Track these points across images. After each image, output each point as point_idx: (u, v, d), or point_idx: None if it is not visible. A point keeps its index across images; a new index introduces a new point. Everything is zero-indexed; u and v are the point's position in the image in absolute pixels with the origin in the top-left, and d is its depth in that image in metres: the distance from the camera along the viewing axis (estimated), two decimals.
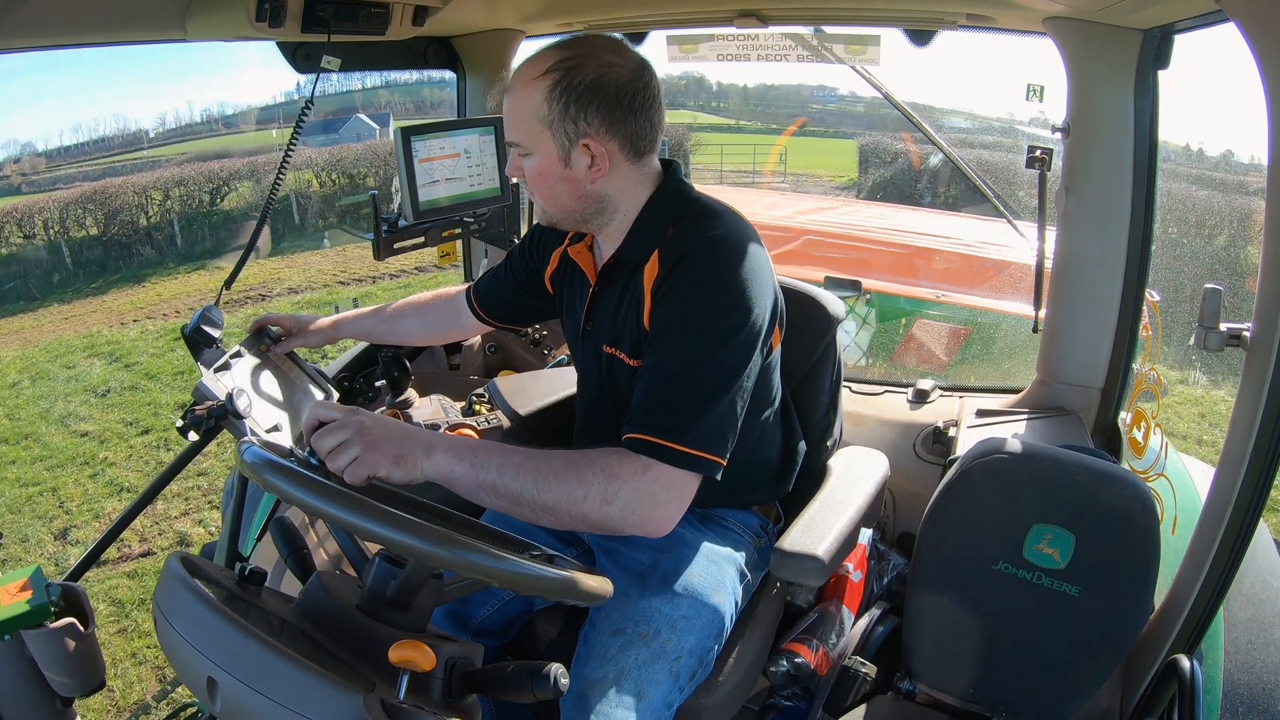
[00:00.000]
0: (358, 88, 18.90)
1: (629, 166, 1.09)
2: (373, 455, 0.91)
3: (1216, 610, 1.08)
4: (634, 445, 0.99)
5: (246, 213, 12.00)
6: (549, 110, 1.03)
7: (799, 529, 1.29)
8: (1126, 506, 1.06)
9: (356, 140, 15.93)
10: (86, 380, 6.34)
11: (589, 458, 0.99)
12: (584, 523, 0.97)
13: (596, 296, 1.20)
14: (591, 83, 1.02)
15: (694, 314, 1.02)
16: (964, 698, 1.21)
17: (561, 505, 0.96)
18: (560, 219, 1.14)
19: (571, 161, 1.06)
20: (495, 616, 1.28)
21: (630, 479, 0.97)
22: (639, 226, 1.12)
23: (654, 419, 0.99)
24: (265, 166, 12.42)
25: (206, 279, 9.70)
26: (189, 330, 1.38)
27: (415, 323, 1.56)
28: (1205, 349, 1.01)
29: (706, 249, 1.05)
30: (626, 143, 1.07)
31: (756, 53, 1.83)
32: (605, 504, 0.96)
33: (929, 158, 10.61)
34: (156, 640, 0.76)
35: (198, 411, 1.26)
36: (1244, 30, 0.94)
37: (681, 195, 1.13)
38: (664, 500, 0.99)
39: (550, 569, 0.78)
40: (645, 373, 1.05)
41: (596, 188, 1.09)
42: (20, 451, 5.17)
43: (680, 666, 1.11)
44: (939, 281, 3.48)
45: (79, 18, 1.17)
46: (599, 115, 1.03)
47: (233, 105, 18.32)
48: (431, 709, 0.73)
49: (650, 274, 1.08)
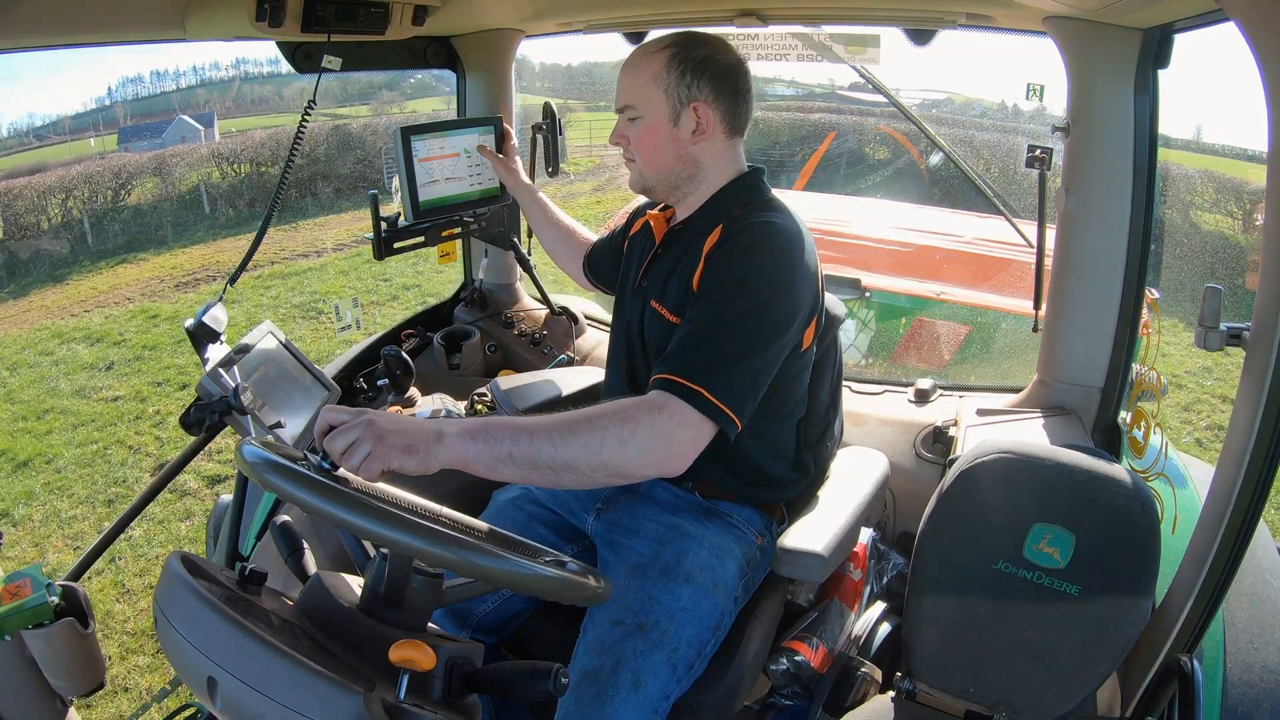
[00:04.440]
0: (173, 88, 17.68)
1: (724, 140, 1.23)
2: (382, 449, 0.91)
3: (1216, 610, 1.08)
4: (656, 384, 1.06)
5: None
6: (667, 75, 1.18)
7: (800, 527, 1.29)
8: (1126, 506, 1.06)
9: (181, 143, 14.57)
10: (78, 361, 6.27)
11: (599, 409, 1.03)
12: (604, 471, 0.99)
13: (658, 257, 1.30)
14: (704, 58, 1.18)
15: (735, 279, 1.11)
16: (964, 697, 1.22)
17: (581, 458, 0.98)
18: (655, 181, 1.26)
19: (680, 123, 1.20)
20: (495, 613, 1.29)
21: (646, 418, 1.01)
22: (713, 201, 1.24)
23: (679, 362, 1.06)
24: (82, 176, 11.74)
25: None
26: (192, 326, 1.38)
27: (559, 239, 1.69)
28: (1205, 349, 1.01)
29: (763, 228, 1.15)
30: (726, 116, 1.21)
31: (756, 52, 1.83)
32: (623, 445, 0.99)
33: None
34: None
35: (201, 406, 1.26)
36: (1244, 30, 0.94)
37: (757, 187, 1.25)
38: (679, 439, 1.03)
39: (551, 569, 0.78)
40: (684, 325, 1.13)
41: (696, 150, 1.22)
42: (53, 422, 5.10)
43: (678, 658, 1.11)
44: (926, 278, 3.46)
45: (78, 18, 1.17)
46: (709, 85, 1.18)
47: (41, 116, 16.13)
48: (431, 708, 0.73)
49: (710, 242, 1.19)
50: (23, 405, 5.44)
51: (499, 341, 2.17)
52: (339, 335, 1.99)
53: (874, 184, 8.55)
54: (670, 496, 1.29)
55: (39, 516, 3.85)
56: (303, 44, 1.54)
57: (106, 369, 6.03)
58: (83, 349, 6.56)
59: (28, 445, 4.72)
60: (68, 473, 4.34)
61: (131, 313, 7.50)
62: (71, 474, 4.31)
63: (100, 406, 5.30)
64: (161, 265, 9.36)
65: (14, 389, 5.79)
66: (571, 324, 2.20)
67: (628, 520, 1.27)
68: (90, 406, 5.32)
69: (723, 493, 1.29)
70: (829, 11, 1.67)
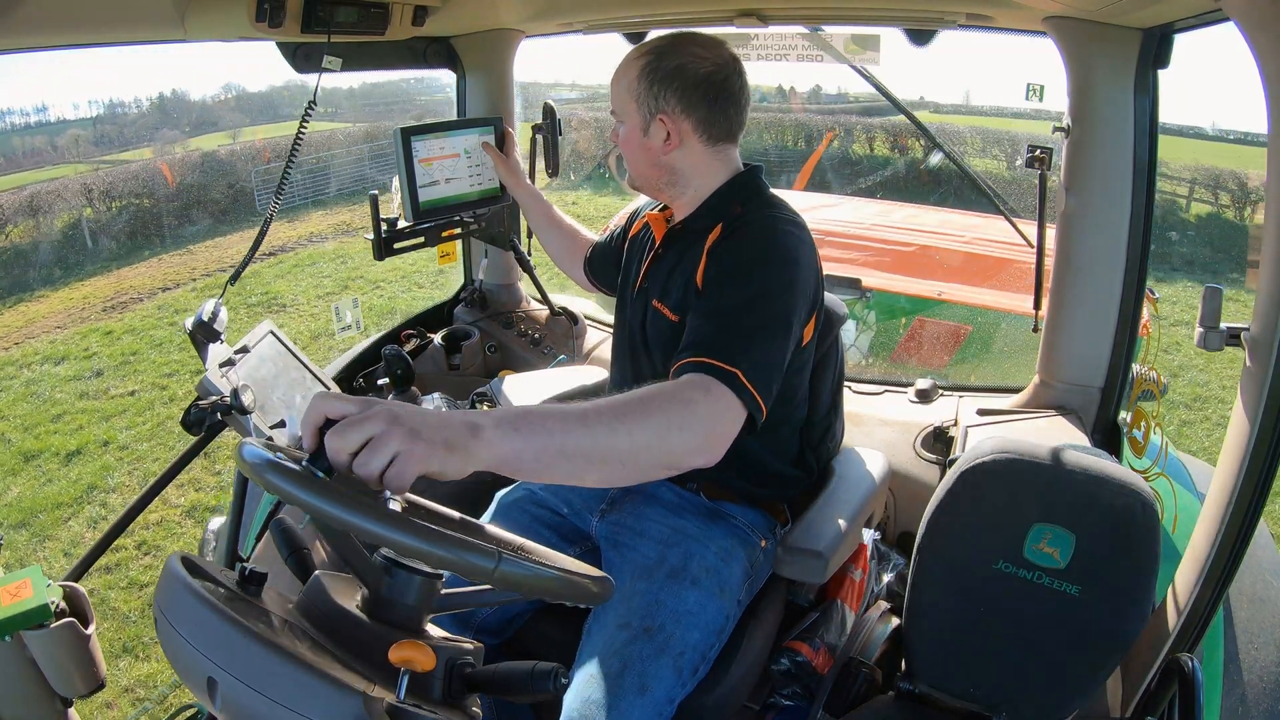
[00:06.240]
0: None
1: (702, 147, 1.22)
2: (419, 447, 0.71)
3: (1216, 610, 1.08)
4: (691, 367, 0.98)
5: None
6: (638, 85, 1.19)
7: (801, 527, 1.30)
8: (1126, 506, 1.06)
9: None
10: (57, 376, 5.94)
11: (645, 394, 0.91)
12: (663, 462, 0.90)
13: (658, 257, 1.30)
14: (675, 68, 1.17)
15: (744, 264, 1.11)
16: (964, 697, 1.21)
17: (643, 447, 0.86)
18: (639, 183, 1.29)
19: (649, 133, 1.21)
20: (497, 615, 1.29)
21: (702, 401, 0.94)
22: (710, 202, 1.24)
23: (709, 346, 1.00)
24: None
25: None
26: (191, 326, 1.38)
27: (560, 240, 1.68)
28: (1205, 349, 1.01)
29: (766, 221, 1.17)
30: (700, 126, 1.20)
31: (757, 52, 1.83)
32: (683, 431, 0.90)
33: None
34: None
35: (202, 406, 1.26)
36: (1243, 30, 0.94)
37: (756, 186, 1.25)
38: (721, 422, 0.96)
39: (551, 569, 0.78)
40: (695, 317, 1.10)
41: (669, 159, 1.22)
42: (80, 418, 4.94)
43: (684, 661, 1.11)
44: (922, 276, 3.46)
45: (77, 18, 1.17)
46: (675, 96, 1.18)
47: None
48: (432, 709, 0.73)
49: (711, 239, 1.20)
50: (25, 416, 5.28)
51: (499, 342, 2.17)
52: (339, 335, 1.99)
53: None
54: (675, 498, 1.29)
55: (133, 482, 3.86)
56: (303, 44, 1.53)
57: (96, 375, 5.87)
58: (52, 367, 6.20)
59: (62, 441, 4.63)
60: (134, 447, 4.35)
61: (81, 333, 7.06)
62: (139, 448, 4.32)
63: (122, 402, 5.20)
64: (68, 298, 8.41)
65: (19, 398, 5.60)
66: (571, 324, 2.20)
67: (633, 522, 1.27)
68: (111, 403, 5.21)
69: (727, 493, 1.29)
70: (829, 11, 1.67)
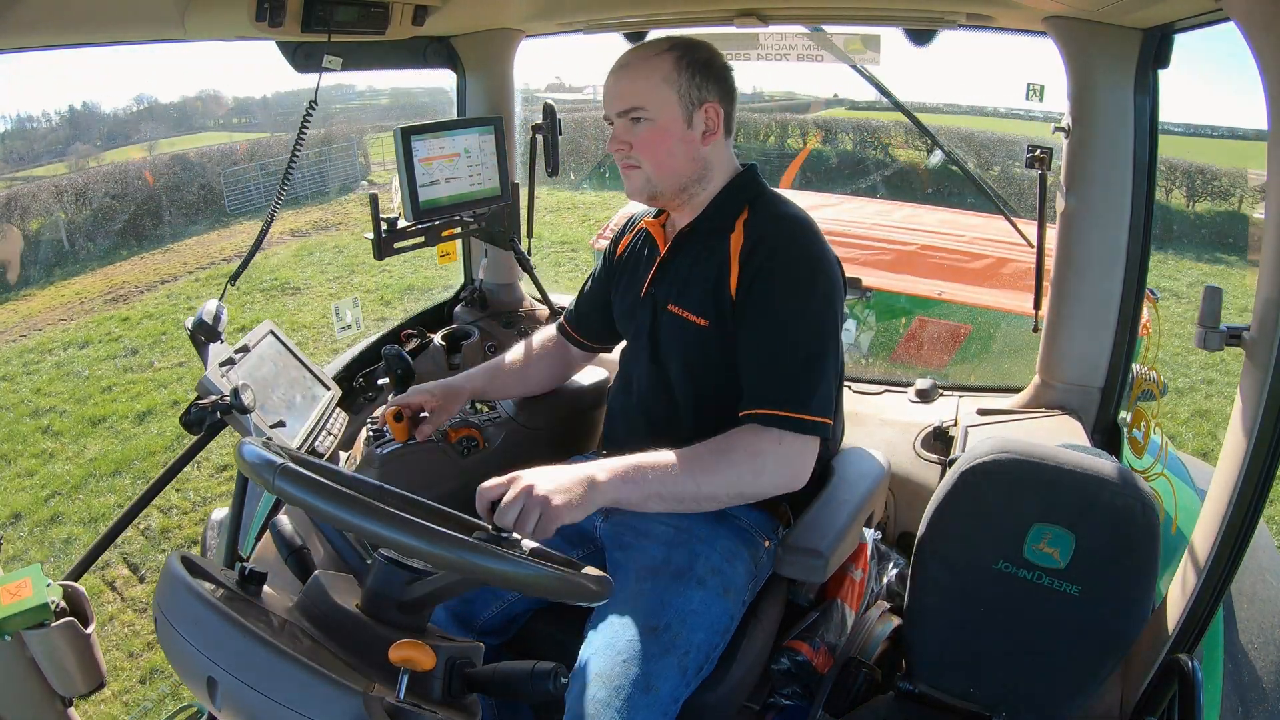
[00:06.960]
0: None
1: (725, 141, 1.27)
2: (553, 510, 1.00)
3: (1216, 610, 1.08)
4: (764, 420, 1.14)
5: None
6: (678, 76, 1.20)
7: (801, 527, 1.29)
8: (1126, 506, 1.06)
9: None
10: (91, 356, 5.91)
11: (729, 443, 1.15)
12: (740, 499, 1.18)
13: (665, 263, 1.32)
14: (707, 59, 1.22)
15: (790, 284, 1.17)
16: (964, 697, 1.22)
17: (721, 491, 1.13)
18: (664, 185, 1.25)
19: (693, 123, 1.22)
20: (498, 615, 1.29)
21: (772, 452, 1.14)
22: (720, 200, 1.27)
23: (774, 394, 1.15)
24: None
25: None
26: (192, 325, 1.37)
27: (538, 373, 1.59)
28: (1205, 349, 1.01)
29: (790, 225, 1.22)
30: (729, 117, 1.25)
31: (757, 52, 1.83)
32: (757, 477, 1.14)
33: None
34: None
35: (202, 406, 1.26)
36: (1243, 30, 0.94)
37: (757, 184, 1.29)
38: (801, 463, 1.17)
39: (551, 569, 0.78)
40: (751, 347, 1.19)
41: (706, 151, 1.24)
42: (134, 387, 4.97)
43: (689, 661, 1.11)
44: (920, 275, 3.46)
45: (77, 18, 1.17)
46: (715, 86, 1.22)
47: None
48: (431, 708, 0.73)
49: (736, 243, 1.23)
50: (70, 391, 5.21)
51: (499, 341, 2.17)
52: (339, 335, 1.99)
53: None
54: None
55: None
56: (303, 44, 1.53)
57: (132, 354, 5.85)
58: (77, 351, 6.19)
59: (126, 406, 4.60)
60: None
61: (96, 320, 7.00)
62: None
63: (172, 371, 5.17)
64: (59, 294, 8.21)
65: (41, 384, 5.53)
66: None
67: (637, 522, 1.27)
68: (160, 374, 5.18)
69: None
70: (829, 11, 1.67)
